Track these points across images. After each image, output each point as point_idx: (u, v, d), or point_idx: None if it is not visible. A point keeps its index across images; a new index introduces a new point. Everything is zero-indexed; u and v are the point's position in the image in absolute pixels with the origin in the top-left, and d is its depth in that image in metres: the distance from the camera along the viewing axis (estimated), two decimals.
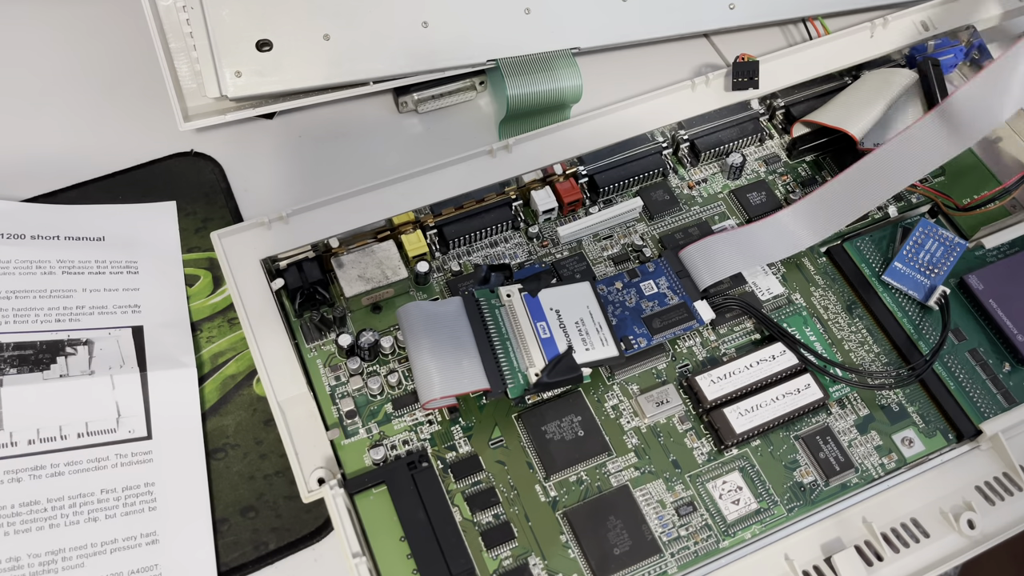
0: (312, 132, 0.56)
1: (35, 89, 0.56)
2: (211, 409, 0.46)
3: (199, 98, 0.52)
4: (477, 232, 0.49)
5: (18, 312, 0.46)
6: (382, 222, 0.48)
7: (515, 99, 0.53)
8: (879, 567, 0.41)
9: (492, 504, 0.42)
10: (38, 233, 0.49)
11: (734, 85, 0.54)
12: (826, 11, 0.60)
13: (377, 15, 0.52)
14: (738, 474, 0.44)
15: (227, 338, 0.48)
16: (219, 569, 0.42)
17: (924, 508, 0.42)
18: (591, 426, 0.44)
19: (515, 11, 0.54)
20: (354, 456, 0.43)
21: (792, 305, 0.49)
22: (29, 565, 0.40)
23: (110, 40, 0.59)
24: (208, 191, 0.53)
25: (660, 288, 0.47)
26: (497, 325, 0.44)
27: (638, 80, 0.57)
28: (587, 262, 0.49)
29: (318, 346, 0.46)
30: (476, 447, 0.44)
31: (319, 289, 0.46)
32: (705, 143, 0.53)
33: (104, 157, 0.54)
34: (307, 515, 0.43)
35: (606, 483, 0.43)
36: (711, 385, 0.45)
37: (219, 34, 0.50)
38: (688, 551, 0.42)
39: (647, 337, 0.46)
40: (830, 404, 0.46)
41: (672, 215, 0.52)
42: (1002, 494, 0.43)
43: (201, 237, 0.51)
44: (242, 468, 0.44)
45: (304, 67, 0.51)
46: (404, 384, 0.45)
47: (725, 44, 0.60)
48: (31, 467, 0.42)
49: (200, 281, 0.50)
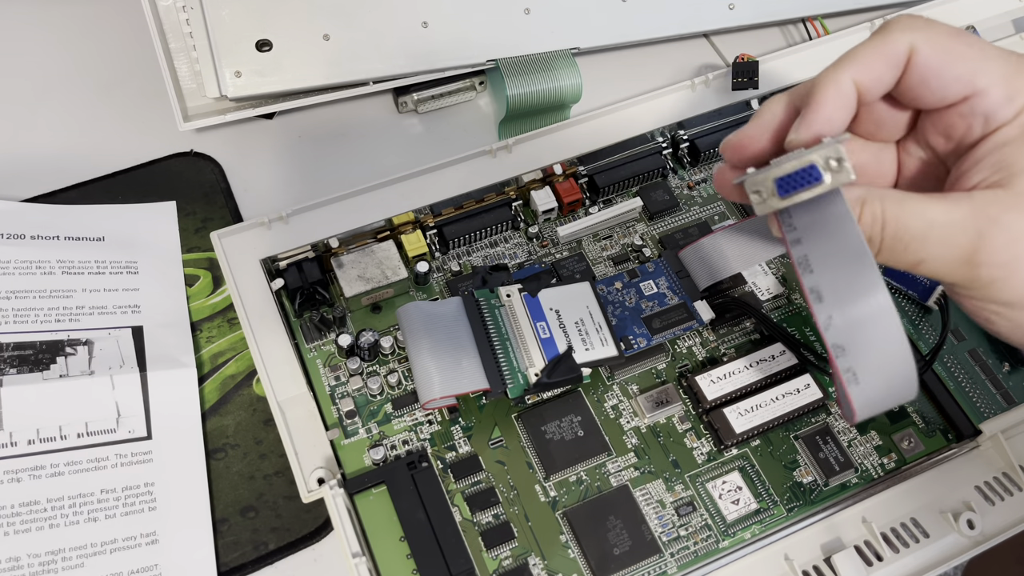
0: (312, 132, 0.56)
1: (35, 89, 0.56)
2: (211, 409, 0.46)
3: (199, 98, 0.52)
4: (477, 232, 0.49)
5: (18, 312, 0.46)
6: (382, 222, 0.48)
7: (515, 99, 0.53)
8: (879, 567, 0.41)
9: (492, 504, 0.42)
10: (38, 233, 0.49)
11: (734, 85, 0.54)
12: (826, 11, 0.60)
13: (377, 15, 0.52)
14: (738, 474, 0.44)
15: (227, 338, 0.48)
16: (219, 569, 0.42)
17: (924, 508, 0.42)
18: (591, 426, 0.44)
19: (515, 11, 0.54)
20: (354, 456, 0.43)
21: (792, 305, 0.49)
22: (29, 565, 0.40)
23: (110, 40, 0.59)
24: (208, 191, 0.53)
25: (660, 288, 0.47)
26: (497, 325, 0.44)
27: (638, 80, 0.57)
28: (587, 262, 0.49)
29: (318, 346, 0.46)
30: (476, 447, 0.44)
31: (319, 289, 0.46)
32: (705, 143, 0.53)
33: (104, 157, 0.54)
34: (307, 515, 0.43)
35: (606, 483, 0.43)
36: (711, 385, 0.45)
37: (219, 34, 0.50)
38: (688, 551, 0.42)
39: (647, 337, 0.46)
40: (830, 404, 0.46)
41: (672, 215, 0.52)
42: (1002, 494, 0.43)
43: (201, 237, 0.51)
44: (242, 468, 0.44)
45: (304, 67, 0.51)
46: (404, 384, 0.45)
47: (725, 44, 0.60)
48: (31, 467, 0.42)
49: (200, 281, 0.50)
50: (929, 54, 0.33)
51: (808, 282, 0.31)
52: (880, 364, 0.32)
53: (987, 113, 0.33)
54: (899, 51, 0.33)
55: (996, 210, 0.31)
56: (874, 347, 0.32)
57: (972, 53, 0.33)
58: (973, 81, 0.33)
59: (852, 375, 0.32)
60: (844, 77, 0.33)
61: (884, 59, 0.33)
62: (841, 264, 0.31)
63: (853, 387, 0.32)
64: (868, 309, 0.31)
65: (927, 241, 0.31)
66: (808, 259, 0.32)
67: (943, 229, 0.31)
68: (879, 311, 0.31)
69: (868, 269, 0.31)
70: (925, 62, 0.33)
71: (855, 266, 0.31)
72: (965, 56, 0.33)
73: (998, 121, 0.33)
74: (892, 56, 0.33)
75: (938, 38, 0.33)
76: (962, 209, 0.31)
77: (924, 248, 0.31)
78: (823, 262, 0.31)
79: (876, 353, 0.32)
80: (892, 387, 0.33)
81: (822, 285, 0.31)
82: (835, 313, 0.31)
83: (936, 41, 0.33)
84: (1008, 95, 0.33)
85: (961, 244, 0.31)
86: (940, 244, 0.31)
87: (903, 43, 0.33)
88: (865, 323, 0.31)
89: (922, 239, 0.31)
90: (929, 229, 0.31)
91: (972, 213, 0.31)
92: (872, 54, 0.33)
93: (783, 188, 0.32)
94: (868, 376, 0.32)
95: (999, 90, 0.33)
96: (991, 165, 0.33)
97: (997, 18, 0.59)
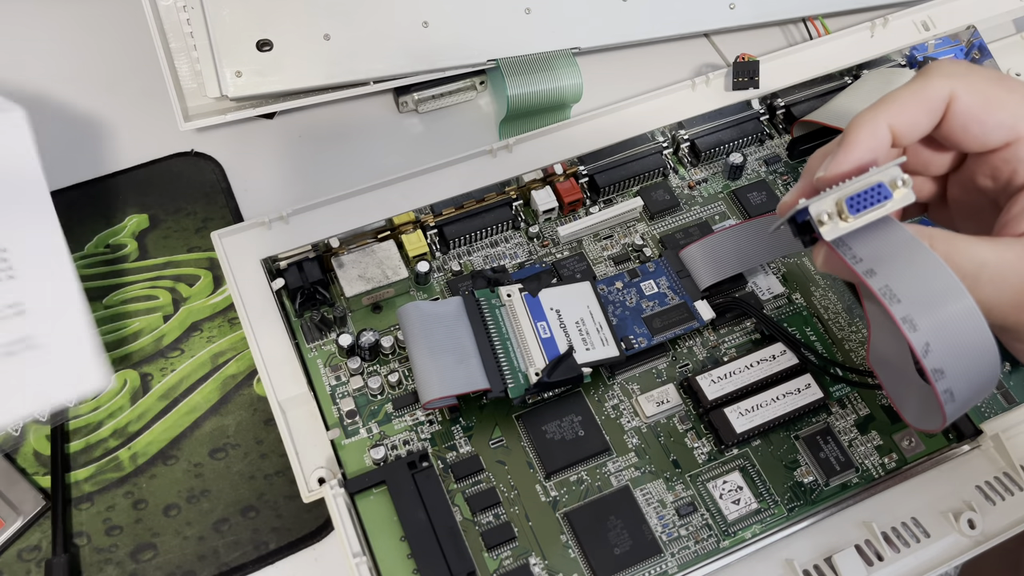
0: (312, 132, 0.56)
1: (36, 89, 0.56)
2: (211, 409, 0.46)
3: (199, 98, 0.52)
4: (477, 232, 0.49)
5: None
6: (382, 222, 0.48)
7: (515, 99, 0.53)
8: (879, 567, 0.41)
9: (492, 504, 0.42)
10: None
11: (734, 85, 0.54)
12: (826, 11, 0.60)
13: (377, 15, 0.52)
14: (738, 474, 0.44)
15: (227, 338, 0.48)
16: (219, 569, 0.42)
17: (924, 508, 0.42)
18: (591, 426, 0.44)
19: (515, 11, 0.54)
20: (354, 456, 0.43)
21: (792, 305, 0.49)
22: None
23: (110, 40, 0.59)
24: (208, 191, 0.53)
25: (660, 288, 0.47)
26: (497, 325, 0.44)
27: (638, 80, 0.57)
28: (587, 262, 0.49)
29: (318, 346, 0.46)
30: (476, 447, 0.44)
31: (319, 289, 0.46)
32: (705, 143, 0.53)
33: (104, 157, 0.54)
34: (307, 515, 0.43)
35: (606, 483, 0.43)
36: (711, 385, 0.45)
37: (219, 34, 0.50)
38: (688, 551, 0.42)
39: (647, 337, 0.46)
40: (830, 404, 0.46)
41: (672, 215, 0.52)
42: (1002, 494, 0.43)
43: (201, 237, 0.51)
44: (242, 468, 0.44)
45: (304, 67, 0.51)
46: (404, 384, 0.45)
47: (725, 44, 0.60)
48: None
49: (200, 281, 0.50)
50: (969, 101, 0.33)
51: (899, 312, 0.31)
52: (974, 377, 0.32)
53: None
54: (938, 97, 0.33)
55: None
56: (970, 363, 0.31)
57: (1014, 99, 0.33)
58: (1016, 127, 0.33)
59: (950, 395, 0.32)
60: (880, 121, 0.33)
61: (922, 105, 0.34)
62: (926, 288, 0.31)
63: (949, 405, 0.32)
64: (963, 326, 0.31)
65: (979, 281, 0.31)
66: (891, 289, 0.31)
67: (995, 270, 0.31)
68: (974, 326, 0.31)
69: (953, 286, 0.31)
70: (966, 109, 0.33)
71: (939, 287, 0.31)
72: (1006, 103, 0.33)
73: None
74: (930, 102, 0.33)
75: (978, 84, 0.33)
76: (1014, 251, 0.31)
77: (976, 288, 0.31)
78: (907, 290, 0.31)
79: (972, 368, 0.32)
80: (981, 394, 0.33)
81: (914, 314, 0.31)
82: (932, 339, 0.31)
83: (976, 87, 0.33)
84: None
85: (1014, 286, 0.31)
86: (992, 285, 0.31)
87: (943, 89, 0.33)
88: (962, 342, 0.31)
89: (974, 279, 0.31)
90: (980, 269, 0.31)
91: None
92: (910, 100, 0.34)
93: (853, 207, 0.32)
94: (964, 391, 0.32)
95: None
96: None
97: (997, 18, 0.59)
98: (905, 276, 0.31)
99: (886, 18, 0.57)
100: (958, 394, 0.32)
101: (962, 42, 0.58)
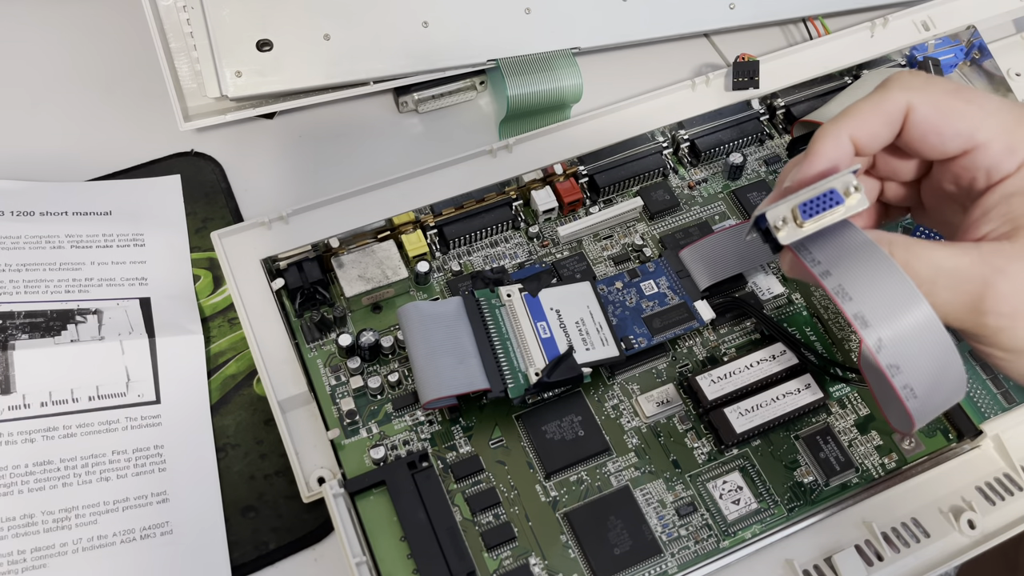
0: (312, 132, 0.56)
1: (35, 89, 0.56)
2: (211, 409, 0.46)
3: (199, 98, 0.52)
4: (477, 232, 0.49)
5: (29, 284, 0.46)
6: (382, 222, 0.48)
7: (515, 99, 0.53)
8: (879, 567, 0.41)
9: (492, 504, 0.42)
10: (47, 209, 0.50)
11: (734, 85, 0.54)
12: (826, 11, 0.60)
13: (377, 15, 0.52)
14: (738, 474, 0.44)
15: (227, 338, 0.48)
16: None
17: (924, 508, 0.42)
18: (591, 426, 0.44)
19: (515, 11, 0.54)
20: (354, 456, 0.43)
21: (792, 305, 0.49)
22: (43, 521, 0.40)
23: (110, 40, 0.59)
24: (208, 191, 0.53)
25: (660, 288, 0.47)
26: (497, 325, 0.44)
27: (638, 80, 0.57)
28: (587, 262, 0.49)
29: (318, 346, 0.46)
30: (476, 447, 0.44)
31: (319, 289, 0.46)
32: (705, 143, 0.53)
33: (105, 157, 0.54)
34: (307, 515, 0.43)
35: (606, 483, 0.43)
36: (711, 385, 0.45)
37: (219, 34, 0.50)
38: (688, 551, 0.42)
39: (647, 337, 0.46)
40: (830, 404, 0.46)
41: (672, 215, 0.52)
42: (1002, 494, 0.43)
43: (201, 237, 0.51)
44: (242, 468, 0.44)
45: (304, 67, 0.51)
46: (404, 384, 0.45)
47: (725, 44, 0.60)
48: (44, 428, 0.43)
49: (200, 281, 0.50)
50: (926, 112, 0.34)
51: (850, 309, 0.32)
52: (934, 374, 0.33)
53: (989, 167, 0.34)
54: (896, 109, 0.35)
55: (1002, 261, 0.32)
56: (927, 359, 0.32)
57: (970, 110, 0.34)
58: (973, 136, 0.34)
59: (910, 391, 0.32)
60: (842, 132, 0.35)
61: (881, 117, 0.35)
62: (877, 286, 0.32)
63: (912, 402, 0.33)
64: (915, 322, 0.32)
65: (935, 285, 0.32)
66: (844, 288, 0.32)
67: (950, 274, 0.32)
68: (925, 322, 0.32)
69: (904, 284, 0.32)
70: (923, 120, 0.35)
71: (890, 285, 0.32)
72: (964, 113, 0.34)
73: (1001, 173, 0.34)
74: (889, 114, 0.35)
75: (935, 96, 0.34)
76: (969, 256, 0.32)
77: (932, 293, 0.32)
78: (860, 288, 0.32)
79: (929, 364, 0.32)
80: (946, 392, 0.34)
81: (865, 310, 0.32)
82: (884, 334, 0.32)
83: (932, 99, 0.34)
84: (1009, 147, 0.34)
85: (968, 291, 0.32)
86: (948, 289, 0.32)
87: (900, 102, 0.35)
88: (915, 337, 0.32)
89: (930, 283, 0.32)
90: (936, 274, 0.32)
91: (980, 261, 0.32)
92: (870, 112, 0.35)
93: (806, 212, 0.33)
94: (924, 388, 0.33)
95: (1000, 144, 0.34)
96: (999, 216, 0.34)
97: (997, 18, 0.59)
98: (858, 276, 0.32)
99: (886, 18, 0.57)
100: (920, 391, 0.32)
101: (962, 42, 0.58)
